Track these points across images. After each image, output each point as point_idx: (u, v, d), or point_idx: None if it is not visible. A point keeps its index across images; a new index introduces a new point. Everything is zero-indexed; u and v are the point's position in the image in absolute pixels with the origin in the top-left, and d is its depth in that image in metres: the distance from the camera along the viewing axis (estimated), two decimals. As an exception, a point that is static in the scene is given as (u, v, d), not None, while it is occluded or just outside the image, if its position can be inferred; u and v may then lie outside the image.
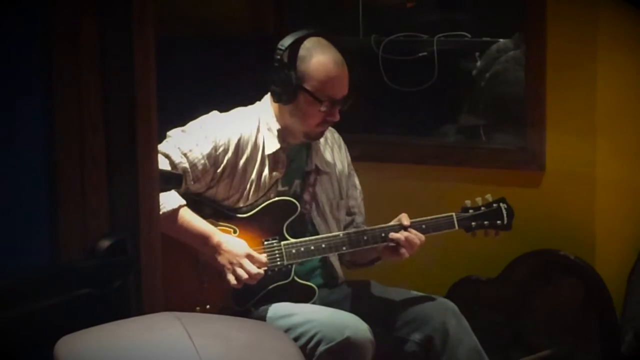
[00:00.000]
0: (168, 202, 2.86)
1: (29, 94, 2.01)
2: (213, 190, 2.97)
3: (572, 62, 3.61)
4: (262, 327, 2.24)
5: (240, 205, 2.99)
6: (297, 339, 2.76)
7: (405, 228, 3.01)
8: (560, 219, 3.64)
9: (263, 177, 2.99)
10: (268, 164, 2.99)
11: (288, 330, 2.80)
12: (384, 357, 2.96)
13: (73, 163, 2.04)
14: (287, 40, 2.95)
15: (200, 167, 2.93)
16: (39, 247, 2.03)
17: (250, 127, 3.00)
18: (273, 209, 3.00)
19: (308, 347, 2.78)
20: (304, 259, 2.99)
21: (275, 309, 2.92)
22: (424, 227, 3.04)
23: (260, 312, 2.93)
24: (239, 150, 2.97)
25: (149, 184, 2.12)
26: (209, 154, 2.93)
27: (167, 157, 2.90)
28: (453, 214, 3.09)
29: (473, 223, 3.11)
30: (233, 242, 2.93)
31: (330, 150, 3.15)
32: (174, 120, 2.98)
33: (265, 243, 2.97)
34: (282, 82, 2.94)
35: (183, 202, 2.90)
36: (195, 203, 2.95)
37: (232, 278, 2.91)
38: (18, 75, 1.99)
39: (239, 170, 2.97)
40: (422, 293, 3.08)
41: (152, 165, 2.15)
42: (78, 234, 2.04)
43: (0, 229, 1.96)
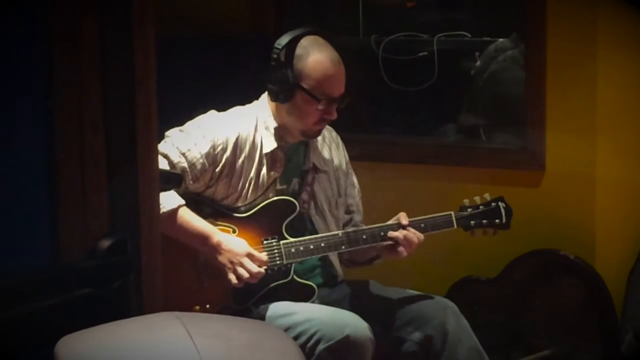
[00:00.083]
0: (167, 202, 2.85)
1: (29, 94, 2.01)
2: (212, 190, 2.97)
3: (572, 62, 3.61)
4: (262, 326, 2.24)
5: (239, 205, 2.99)
6: (296, 338, 2.77)
7: (404, 227, 3.01)
8: (560, 219, 3.63)
9: (261, 175, 2.99)
10: (266, 163, 2.99)
11: (288, 329, 2.80)
12: (384, 357, 2.96)
13: (73, 163, 2.03)
14: (283, 39, 2.95)
15: (199, 166, 2.93)
16: (40, 247, 2.03)
17: (248, 126, 3.00)
18: (272, 209, 3.00)
19: (308, 345, 2.78)
20: (303, 258, 2.99)
21: (275, 308, 2.92)
22: (423, 226, 3.04)
23: (260, 311, 2.93)
24: (237, 149, 2.97)
25: (150, 184, 2.12)
26: (208, 153, 2.93)
27: (165, 157, 2.90)
28: (452, 213, 3.10)
29: (472, 222, 3.11)
30: (233, 241, 2.93)
31: (328, 149, 3.15)
32: (174, 120, 2.98)
33: (265, 242, 2.97)
34: (279, 81, 2.94)
35: (182, 202, 2.90)
36: (195, 203, 2.95)
37: (233, 277, 2.91)
38: (18, 75, 1.99)
39: (237, 169, 2.97)
40: (422, 293, 3.08)
41: (152, 165, 2.15)
42: (78, 234, 2.04)
43: (1, 229, 1.96)
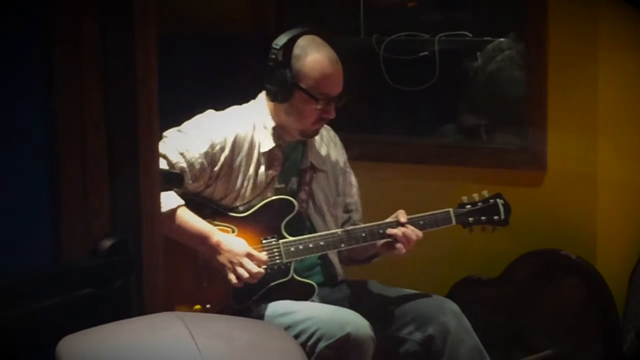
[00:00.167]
0: (166, 202, 2.85)
1: (29, 94, 2.01)
2: (210, 190, 2.97)
3: (573, 62, 3.61)
4: (264, 326, 2.24)
5: (238, 205, 2.99)
6: (297, 336, 2.77)
7: (403, 224, 3.01)
8: (562, 219, 3.63)
9: (259, 175, 2.99)
10: (264, 162, 3.00)
11: (288, 328, 2.80)
12: (385, 356, 2.96)
13: (74, 163, 2.03)
14: (281, 39, 2.95)
15: (198, 166, 2.92)
16: (41, 247, 2.03)
17: (246, 125, 3.00)
18: (270, 208, 3.00)
19: (308, 344, 2.78)
20: (303, 257, 2.99)
21: (275, 307, 2.92)
22: (422, 223, 3.04)
23: (260, 310, 2.93)
24: (235, 149, 2.97)
25: (151, 184, 2.12)
26: (206, 153, 2.93)
27: (164, 157, 2.90)
28: (450, 210, 3.10)
29: (470, 218, 3.11)
30: (233, 241, 2.93)
31: (326, 148, 3.15)
32: (175, 120, 2.98)
33: (264, 242, 2.97)
34: (277, 80, 2.94)
35: (181, 202, 2.90)
36: (193, 203, 2.95)
37: (232, 277, 2.90)
38: (18, 75, 1.99)
39: (236, 169, 2.97)
40: (423, 292, 3.08)
41: (153, 165, 2.15)
42: (80, 234, 2.04)
43: (2, 229, 1.96)
